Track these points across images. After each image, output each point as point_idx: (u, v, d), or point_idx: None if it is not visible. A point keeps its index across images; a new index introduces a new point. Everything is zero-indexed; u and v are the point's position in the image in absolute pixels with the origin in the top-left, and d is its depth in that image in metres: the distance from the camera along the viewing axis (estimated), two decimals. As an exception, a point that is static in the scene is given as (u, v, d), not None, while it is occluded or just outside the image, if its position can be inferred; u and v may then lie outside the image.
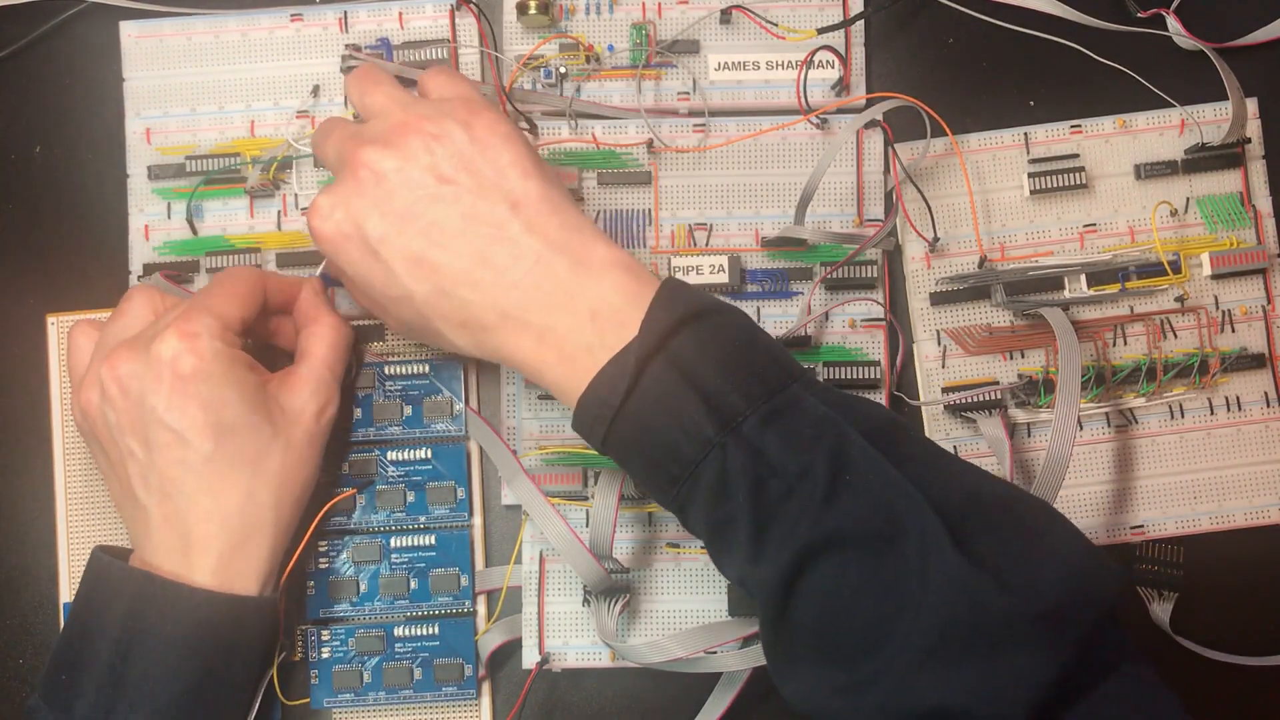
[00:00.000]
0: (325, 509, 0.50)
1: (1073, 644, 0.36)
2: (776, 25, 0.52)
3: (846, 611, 0.38)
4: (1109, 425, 0.52)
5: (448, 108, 0.44)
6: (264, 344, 0.50)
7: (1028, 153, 0.53)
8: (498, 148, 0.43)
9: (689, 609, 0.51)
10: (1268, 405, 0.52)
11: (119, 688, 0.42)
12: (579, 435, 0.42)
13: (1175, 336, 0.53)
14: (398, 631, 0.51)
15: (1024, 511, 0.40)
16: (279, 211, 0.53)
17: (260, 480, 0.45)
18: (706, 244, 0.53)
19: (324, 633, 0.51)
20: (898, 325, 0.53)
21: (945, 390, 0.52)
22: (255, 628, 0.46)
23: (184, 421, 0.43)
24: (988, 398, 0.52)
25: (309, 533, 0.49)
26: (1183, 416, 0.52)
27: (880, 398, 0.52)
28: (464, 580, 0.51)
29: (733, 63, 0.53)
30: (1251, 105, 0.53)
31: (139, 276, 0.53)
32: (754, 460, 0.38)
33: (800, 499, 0.38)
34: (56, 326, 0.53)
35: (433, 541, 0.51)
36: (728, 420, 0.39)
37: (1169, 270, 0.52)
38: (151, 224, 0.53)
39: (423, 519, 0.51)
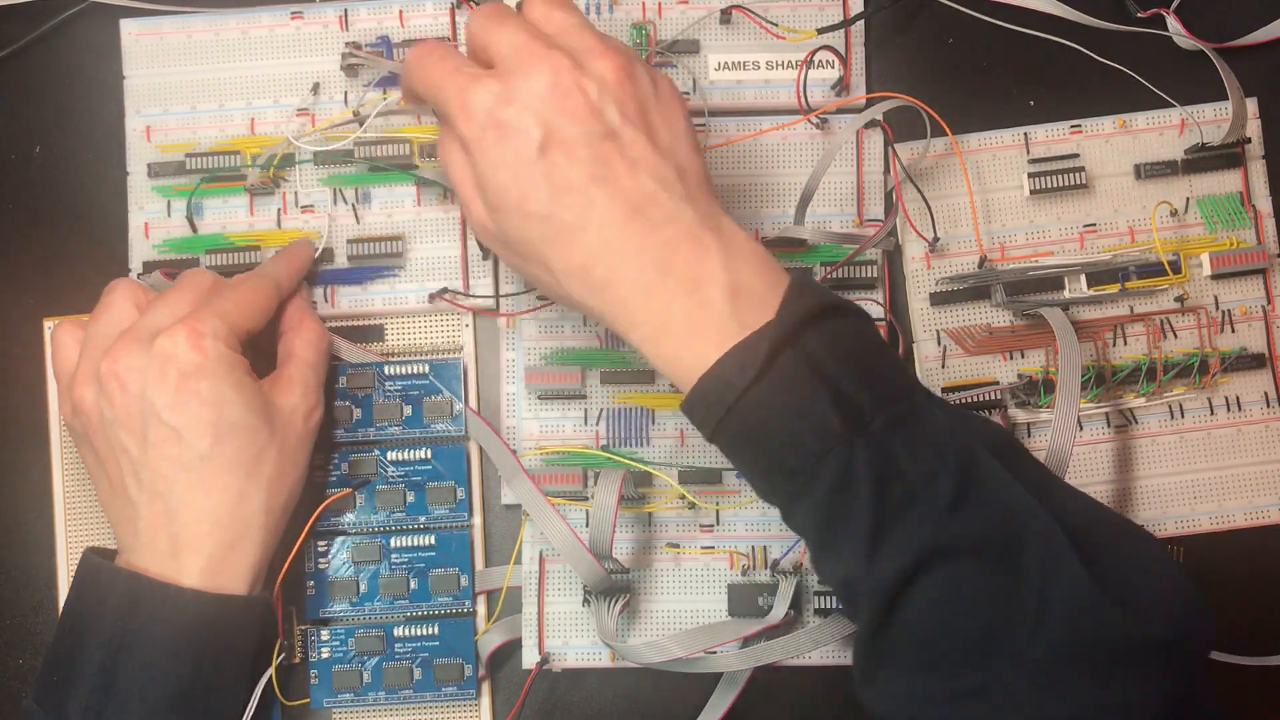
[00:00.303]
0: (322, 507, 0.50)
1: (1186, 675, 0.36)
2: (776, 25, 0.52)
3: (959, 620, 0.37)
4: (1109, 425, 0.52)
5: (630, 51, 0.42)
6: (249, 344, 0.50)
7: (1028, 153, 0.53)
8: (678, 112, 0.42)
9: (689, 609, 0.51)
10: (1268, 405, 0.53)
11: (110, 688, 0.42)
12: (687, 414, 0.40)
13: (1175, 336, 0.53)
14: (397, 631, 0.51)
15: (1137, 538, 0.40)
16: (279, 209, 0.53)
17: (253, 482, 0.45)
18: (707, 243, 0.53)
19: (324, 633, 0.51)
20: (898, 325, 0.53)
21: (945, 390, 0.52)
22: (246, 626, 0.46)
23: (184, 419, 0.43)
24: (988, 398, 0.52)
25: (305, 531, 0.49)
26: (1183, 416, 0.52)
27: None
28: (464, 580, 0.51)
29: (733, 63, 0.53)
30: (1251, 105, 0.53)
31: (139, 274, 0.53)
32: (880, 460, 0.38)
33: (924, 504, 0.37)
34: (54, 330, 0.53)
35: (432, 541, 0.51)
36: (856, 418, 0.38)
37: (1169, 270, 0.52)
38: (151, 222, 0.53)
39: (423, 519, 0.51)
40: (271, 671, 0.48)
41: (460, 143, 0.42)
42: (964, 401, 0.52)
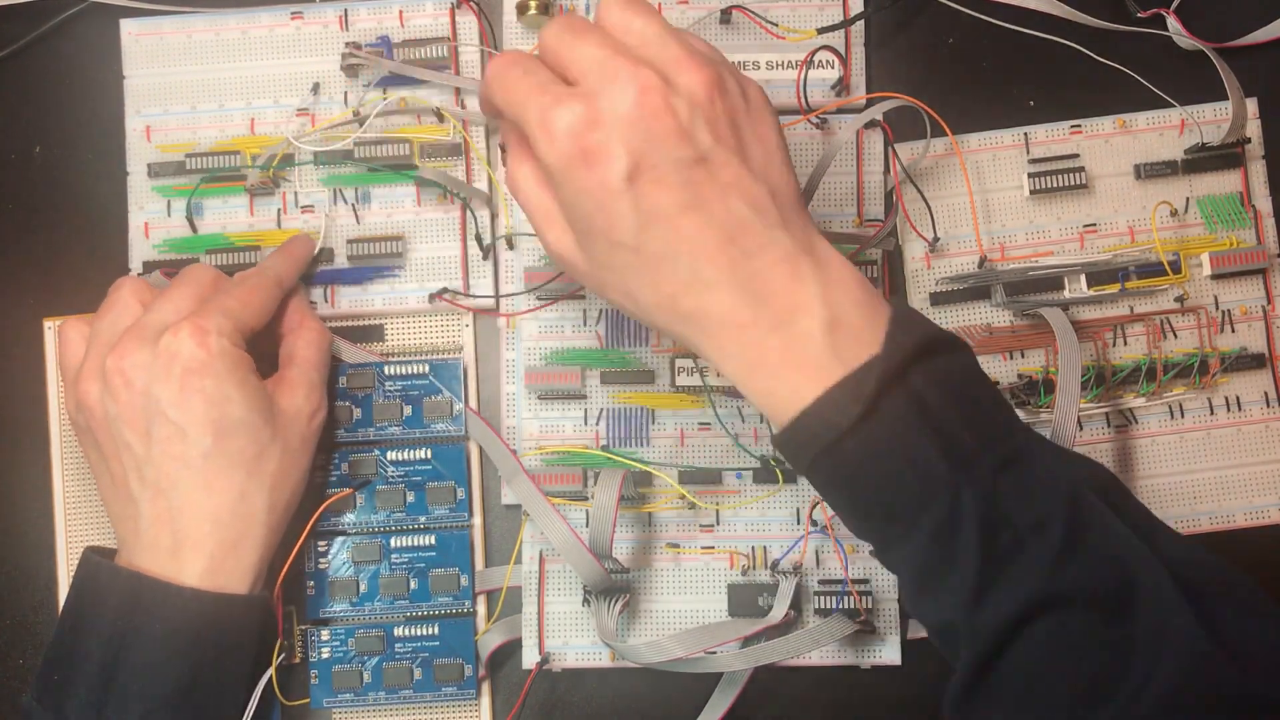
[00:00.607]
0: (323, 508, 0.50)
1: None
2: (776, 25, 0.52)
3: (1065, 670, 0.36)
4: (1109, 425, 0.52)
5: (720, 59, 0.40)
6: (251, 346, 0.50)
7: (1028, 153, 0.53)
8: (769, 125, 0.39)
9: (689, 609, 0.51)
10: (1268, 405, 0.53)
11: (109, 687, 0.42)
12: (779, 448, 0.39)
13: (1175, 336, 0.53)
14: (398, 631, 0.51)
15: (1245, 586, 0.38)
16: (279, 209, 0.53)
17: (255, 481, 0.45)
18: (707, 243, 0.53)
19: (324, 633, 0.51)
20: (898, 325, 0.53)
21: (945, 390, 0.52)
22: (246, 625, 0.46)
23: (188, 416, 0.43)
24: (988, 397, 0.52)
25: (305, 532, 0.49)
26: (1183, 416, 0.52)
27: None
28: (464, 580, 0.51)
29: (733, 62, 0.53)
30: (1251, 105, 0.53)
31: (139, 274, 0.53)
32: (988, 504, 0.36)
33: (1033, 550, 0.36)
34: (53, 330, 0.53)
35: (433, 541, 0.51)
36: (962, 460, 0.37)
37: (1169, 270, 0.52)
38: (151, 222, 0.53)
39: (423, 519, 0.51)
40: (272, 671, 0.48)
41: (540, 165, 0.39)
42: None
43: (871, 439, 0.37)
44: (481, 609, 0.52)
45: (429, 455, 0.51)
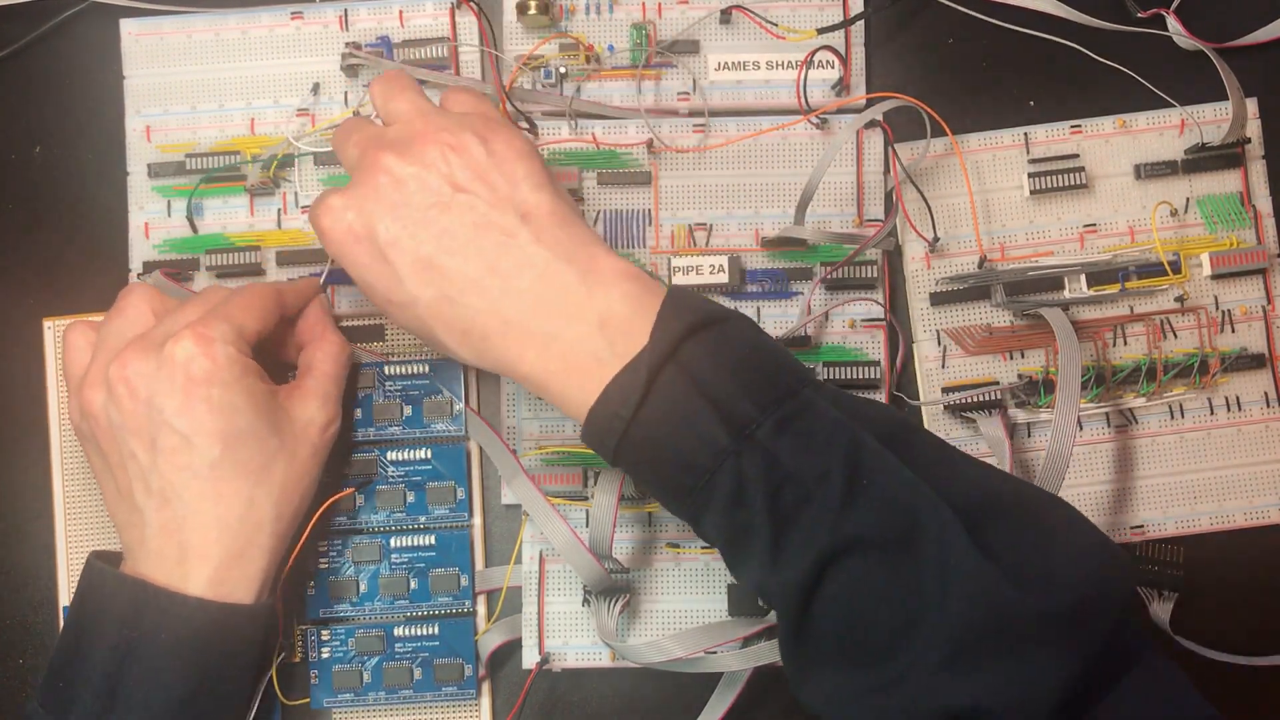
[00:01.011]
0: (323, 508, 0.50)
1: (1095, 639, 0.37)
2: (776, 25, 0.52)
3: (867, 615, 0.38)
4: (1109, 425, 0.52)
5: (467, 121, 0.44)
6: (267, 355, 0.50)
7: (1028, 153, 0.53)
8: (513, 161, 0.43)
9: (689, 609, 0.51)
10: (1268, 405, 0.53)
11: (114, 696, 0.42)
12: (589, 447, 0.42)
13: (1175, 336, 0.53)
14: (398, 631, 0.51)
15: (1038, 508, 0.40)
16: (279, 209, 0.53)
17: (263, 490, 0.45)
18: (706, 244, 0.53)
19: (324, 633, 0.51)
20: (898, 325, 0.53)
21: (945, 390, 0.52)
22: (251, 635, 0.45)
23: (193, 425, 0.43)
24: (988, 398, 0.52)
25: (305, 533, 0.49)
26: (1183, 416, 0.52)
27: (880, 398, 0.52)
28: (464, 580, 0.51)
29: (733, 63, 0.53)
30: (1251, 105, 0.53)
31: (139, 274, 0.53)
32: (769, 467, 0.38)
33: (818, 504, 0.38)
34: (53, 330, 0.53)
35: (433, 541, 0.51)
36: (741, 428, 0.39)
37: (1169, 270, 0.52)
38: (151, 222, 0.53)
39: (423, 519, 0.51)
40: (272, 671, 0.48)
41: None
42: (964, 401, 0.52)
43: (654, 416, 0.39)
44: (481, 609, 0.52)
45: (429, 455, 0.51)
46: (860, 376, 0.52)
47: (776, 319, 0.52)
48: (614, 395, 0.40)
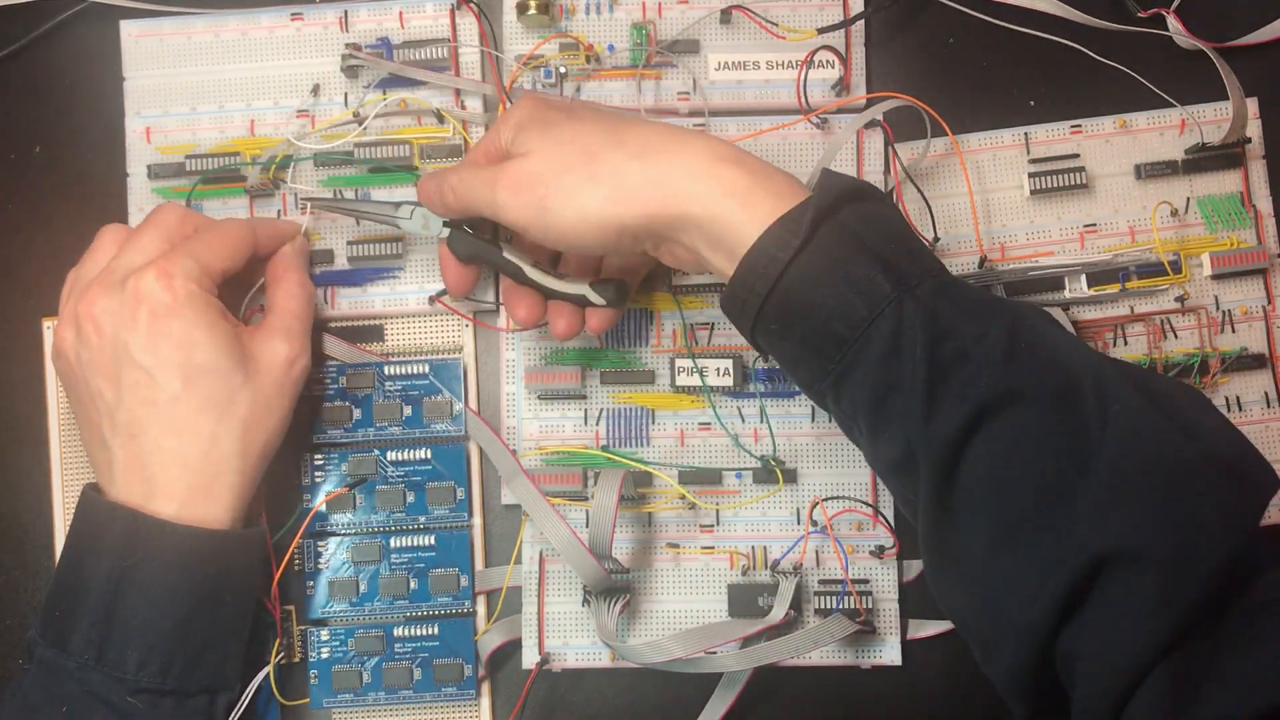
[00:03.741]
0: (318, 505, 0.50)
1: (1253, 506, 0.36)
2: (776, 25, 0.52)
3: (1023, 466, 0.37)
4: (1109, 425, 0.52)
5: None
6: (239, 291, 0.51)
7: (1028, 153, 0.53)
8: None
9: (689, 609, 0.51)
10: (1268, 405, 0.52)
11: (111, 622, 0.43)
12: (728, 305, 0.42)
13: (1175, 336, 0.53)
14: (397, 632, 0.51)
15: (1193, 394, 0.40)
16: (279, 210, 0.53)
17: (225, 425, 0.45)
18: (706, 244, 0.53)
19: (324, 633, 0.51)
20: (898, 325, 0.53)
21: (945, 390, 0.52)
22: (242, 561, 0.46)
23: (155, 360, 0.44)
24: (988, 398, 0.51)
25: (299, 535, 0.49)
26: (1183, 416, 0.52)
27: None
28: (464, 580, 0.51)
29: (733, 63, 0.53)
30: (1251, 105, 0.53)
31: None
32: (931, 319, 0.38)
33: (977, 360, 0.38)
34: (53, 330, 0.53)
35: (432, 542, 0.51)
36: (903, 281, 0.39)
37: (1169, 270, 0.52)
38: (151, 223, 0.53)
39: (422, 519, 0.51)
40: (270, 670, 0.48)
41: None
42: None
43: (813, 264, 0.39)
44: (481, 609, 0.52)
45: (429, 455, 0.51)
46: (860, 377, 0.51)
47: (776, 319, 0.52)
48: (773, 239, 0.39)
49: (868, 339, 0.39)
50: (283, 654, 0.50)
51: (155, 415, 0.44)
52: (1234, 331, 0.53)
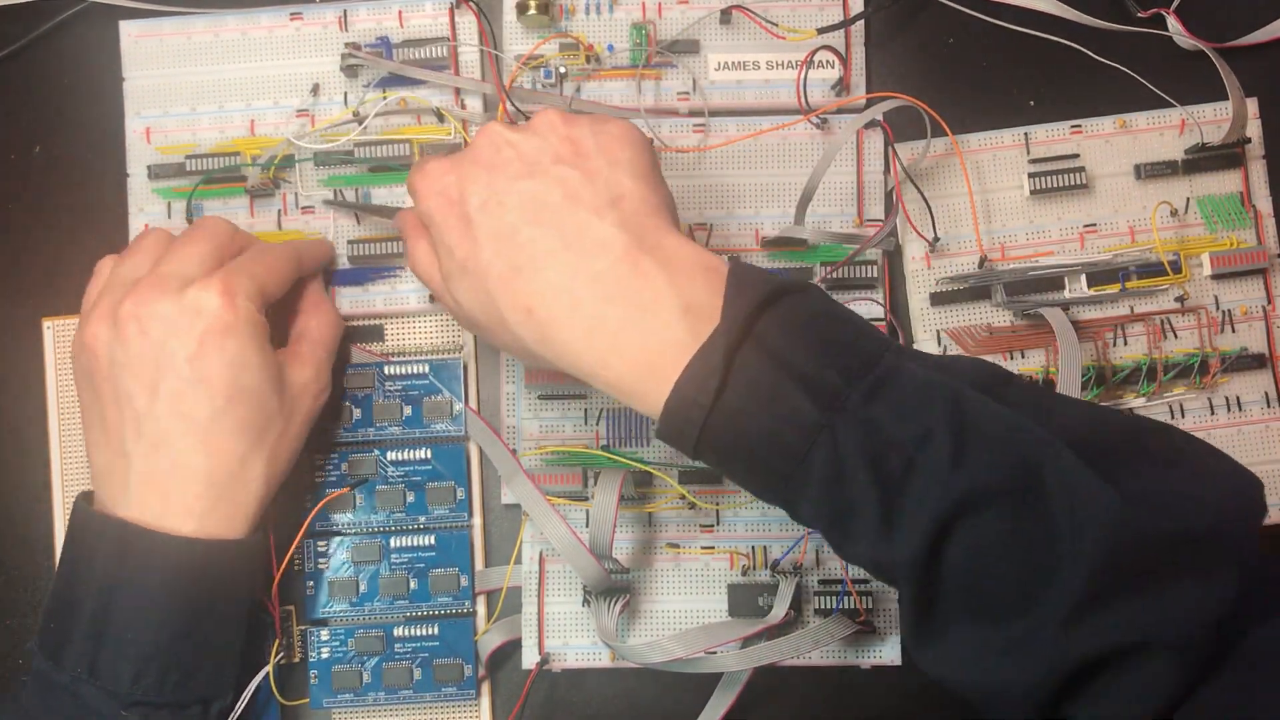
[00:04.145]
0: (320, 505, 0.50)
1: (1238, 560, 0.35)
2: (776, 25, 0.52)
3: (996, 570, 0.36)
4: (1109, 425, 0.52)
5: (589, 116, 0.43)
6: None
7: (1028, 153, 0.53)
8: (619, 147, 0.42)
9: (689, 609, 0.51)
10: (1268, 405, 0.52)
11: (103, 636, 0.43)
12: (667, 443, 0.39)
13: (1175, 336, 0.53)
14: (397, 632, 0.51)
15: (1152, 437, 0.38)
16: (279, 210, 0.53)
17: (256, 451, 0.45)
18: (707, 244, 0.53)
19: (324, 633, 0.51)
20: (898, 325, 0.53)
21: (945, 390, 0.52)
22: (238, 570, 0.46)
23: (203, 374, 0.43)
24: (988, 398, 0.51)
25: (300, 534, 0.49)
26: (1183, 416, 0.52)
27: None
28: (464, 580, 0.51)
29: (733, 63, 0.53)
30: (1251, 105, 0.53)
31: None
32: (866, 436, 0.36)
33: (926, 467, 0.36)
34: (53, 330, 0.53)
35: (432, 542, 0.51)
36: (830, 400, 0.37)
37: (1169, 270, 0.52)
38: (152, 223, 0.53)
39: (422, 519, 0.51)
40: (270, 669, 0.48)
41: (424, 231, 0.44)
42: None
43: (735, 404, 0.37)
44: (481, 609, 0.52)
45: (429, 455, 0.51)
46: (860, 376, 0.51)
47: (776, 319, 0.52)
48: (690, 384, 0.37)
49: (807, 470, 0.37)
50: (282, 654, 0.50)
51: (189, 430, 0.43)
52: (1234, 331, 0.53)
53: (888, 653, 0.51)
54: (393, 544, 0.51)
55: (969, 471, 0.36)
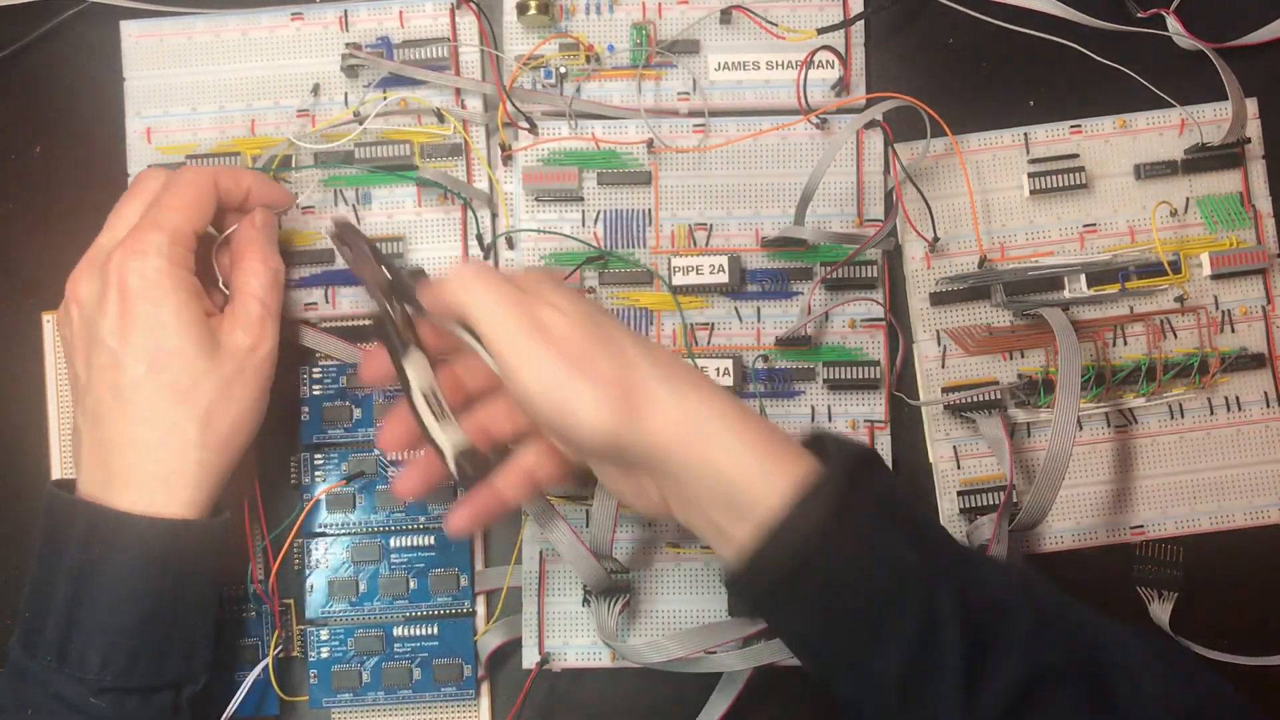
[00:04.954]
0: (312, 502, 0.50)
1: None
2: (776, 25, 0.52)
3: None
4: (1109, 425, 0.52)
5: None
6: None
7: (1028, 153, 0.53)
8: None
9: (689, 609, 0.51)
10: (1268, 405, 0.52)
11: (73, 620, 0.42)
12: (742, 582, 0.37)
13: (1175, 336, 0.53)
14: (397, 631, 0.51)
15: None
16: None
17: (185, 412, 0.44)
18: (706, 244, 0.53)
19: (323, 632, 0.51)
20: (898, 325, 0.53)
21: (945, 390, 0.52)
22: (203, 551, 0.45)
23: (122, 342, 0.43)
24: (988, 398, 0.52)
25: (294, 530, 0.49)
26: (1183, 416, 0.52)
27: (880, 398, 0.52)
28: (463, 580, 0.51)
29: (733, 63, 0.53)
30: (1251, 105, 0.53)
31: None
32: (962, 596, 0.36)
33: (1009, 635, 0.36)
34: (53, 324, 0.53)
35: (432, 541, 0.51)
36: (932, 556, 0.37)
37: (1169, 270, 0.52)
38: (151, 223, 0.53)
39: (422, 519, 0.51)
40: (269, 661, 0.48)
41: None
42: (964, 401, 0.52)
43: (847, 541, 0.36)
44: (481, 609, 0.52)
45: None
46: (860, 376, 0.51)
47: (776, 319, 0.52)
48: (804, 510, 0.36)
49: (901, 618, 0.36)
50: (281, 648, 0.50)
51: (118, 400, 0.43)
52: (1233, 331, 0.53)
53: (888, 653, 0.51)
54: (393, 544, 0.51)
55: (1048, 644, 0.36)
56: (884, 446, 0.52)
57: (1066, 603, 0.38)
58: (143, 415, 0.43)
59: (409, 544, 0.51)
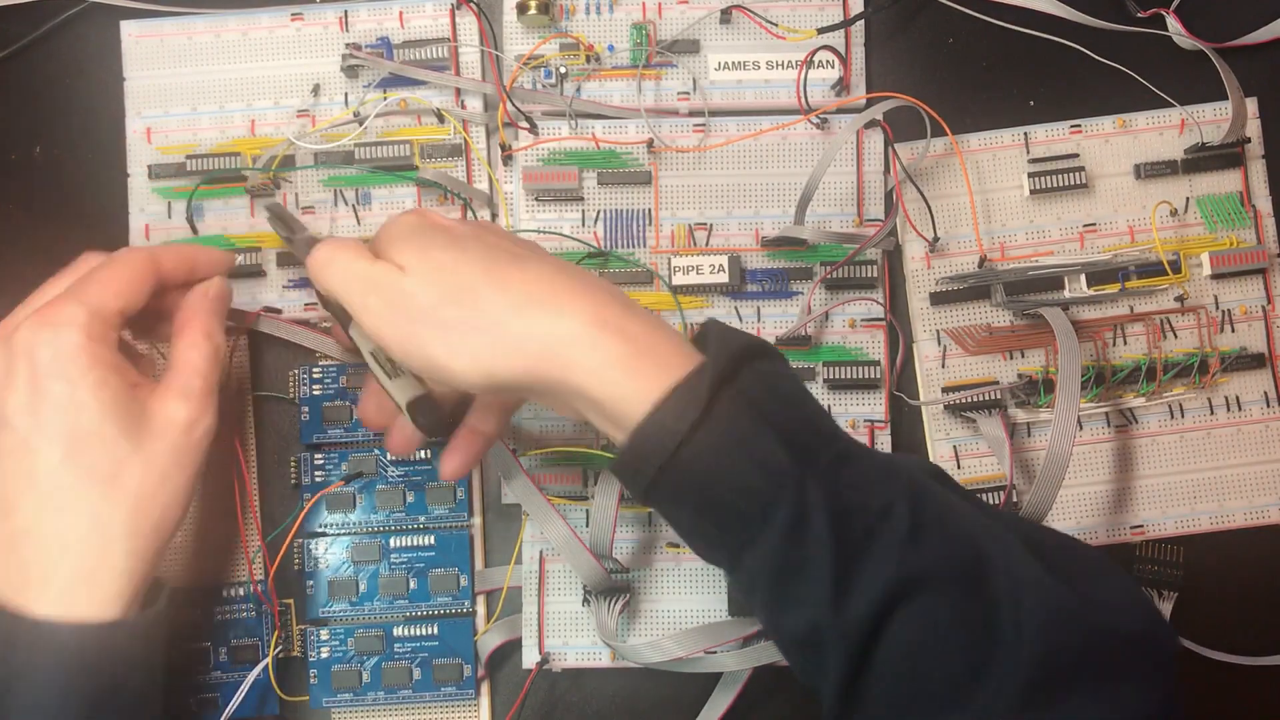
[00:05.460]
0: (313, 500, 0.50)
1: (1173, 673, 0.36)
2: (776, 25, 0.52)
3: (936, 657, 0.35)
4: (1109, 425, 0.52)
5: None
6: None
7: (1028, 153, 0.53)
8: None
9: (689, 609, 0.51)
10: (1268, 405, 0.52)
11: None
12: (620, 470, 0.38)
13: (1175, 336, 0.53)
14: (397, 631, 0.51)
15: (1080, 548, 0.40)
16: (279, 211, 0.53)
17: (111, 502, 0.40)
18: (706, 244, 0.53)
19: (323, 632, 0.51)
20: (898, 325, 0.53)
21: (945, 390, 0.52)
22: (138, 651, 0.41)
23: (32, 425, 0.39)
24: (988, 397, 0.52)
25: (293, 531, 0.49)
26: (1183, 416, 0.52)
27: (880, 398, 0.52)
28: (463, 580, 0.51)
29: (733, 63, 0.53)
30: (1251, 105, 0.53)
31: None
32: (833, 497, 0.36)
33: (884, 538, 0.36)
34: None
35: (432, 541, 0.51)
36: (804, 455, 0.36)
37: (1169, 270, 0.52)
38: (152, 223, 0.53)
39: (422, 519, 0.51)
40: (269, 662, 0.48)
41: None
42: (964, 401, 0.52)
43: (712, 440, 0.36)
44: (481, 609, 0.52)
45: (429, 455, 0.51)
46: (860, 376, 0.51)
47: (776, 319, 0.52)
48: (668, 410, 0.36)
49: (769, 515, 0.36)
50: (281, 647, 0.50)
51: (31, 489, 0.39)
52: (1233, 331, 0.53)
53: (888, 652, 0.51)
54: (392, 544, 0.51)
55: (924, 551, 0.36)
56: (884, 446, 0.52)
57: (952, 505, 0.37)
58: (60, 505, 0.39)
59: (409, 544, 0.51)
